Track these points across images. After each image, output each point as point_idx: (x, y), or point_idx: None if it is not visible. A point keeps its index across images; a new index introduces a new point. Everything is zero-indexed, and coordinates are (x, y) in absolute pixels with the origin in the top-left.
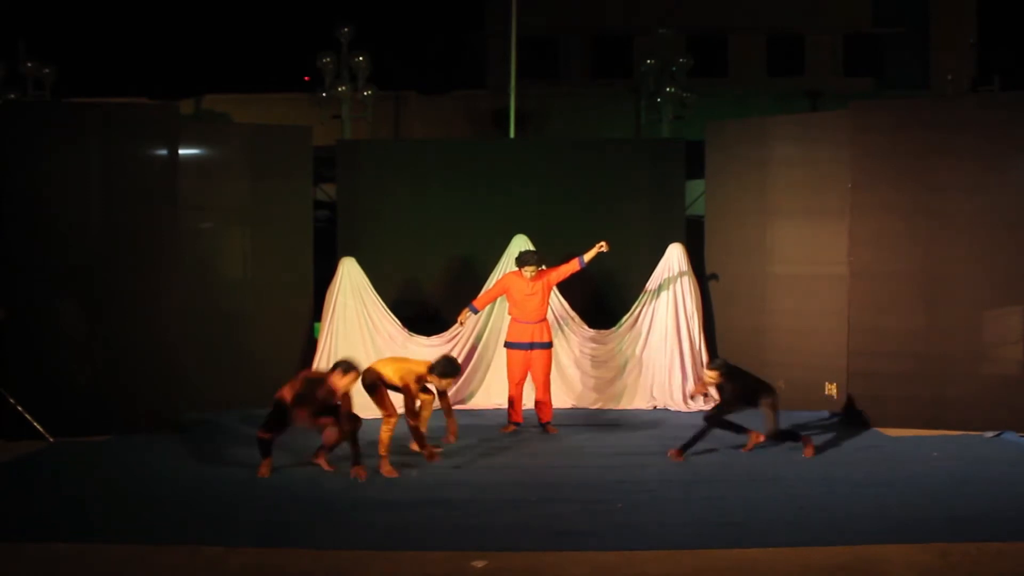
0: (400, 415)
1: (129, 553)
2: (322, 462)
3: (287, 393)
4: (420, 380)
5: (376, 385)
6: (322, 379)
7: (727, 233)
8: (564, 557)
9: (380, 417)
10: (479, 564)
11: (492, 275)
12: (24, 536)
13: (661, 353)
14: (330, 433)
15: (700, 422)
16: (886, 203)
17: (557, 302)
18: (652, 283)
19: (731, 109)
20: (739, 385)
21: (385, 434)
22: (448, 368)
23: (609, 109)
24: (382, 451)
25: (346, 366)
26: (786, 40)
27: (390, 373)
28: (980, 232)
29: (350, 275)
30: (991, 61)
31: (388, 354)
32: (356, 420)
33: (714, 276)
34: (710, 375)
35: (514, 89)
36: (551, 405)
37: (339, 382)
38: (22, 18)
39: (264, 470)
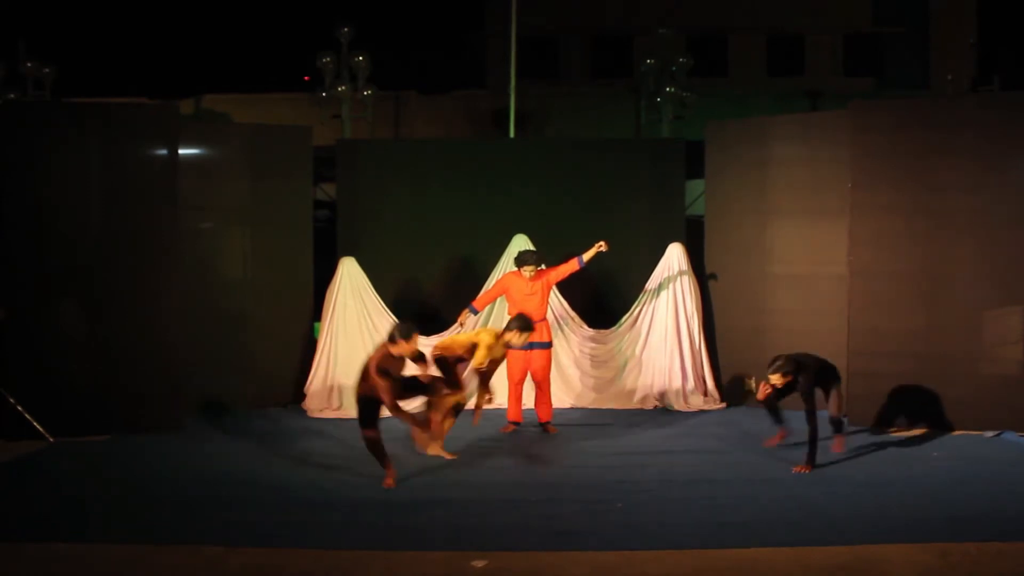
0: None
1: (129, 553)
2: (440, 452)
3: (372, 386)
4: (490, 349)
5: (446, 360)
6: (385, 354)
7: (727, 233)
8: (564, 557)
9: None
10: (479, 564)
11: (492, 275)
12: (24, 536)
13: (661, 353)
14: (422, 422)
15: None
16: (886, 203)
17: (557, 302)
18: (652, 283)
19: (731, 109)
20: (811, 373)
21: (449, 422)
22: (524, 323)
23: (609, 109)
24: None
25: (404, 330)
26: (786, 40)
27: (462, 343)
28: (980, 232)
29: (350, 275)
30: (991, 61)
31: None
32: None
33: (714, 276)
34: (774, 379)
35: (514, 89)
36: (551, 405)
37: (406, 348)
38: (22, 18)
39: (390, 481)
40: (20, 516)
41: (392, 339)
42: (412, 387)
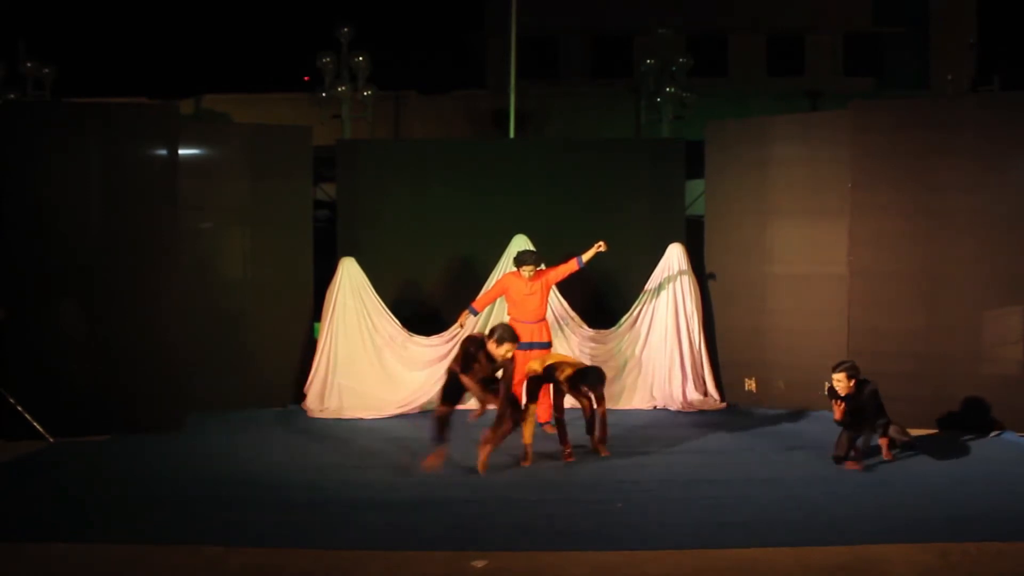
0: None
1: (129, 553)
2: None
3: (455, 365)
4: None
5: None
6: (481, 341)
7: (727, 233)
8: (564, 557)
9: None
10: (479, 564)
11: (492, 275)
12: (24, 536)
13: (661, 353)
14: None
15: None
16: (886, 203)
17: (557, 302)
18: (652, 283)
19: (731, 109)
20: (873, 389)
21: (527, 429)
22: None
23: (609, 109)
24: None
25: (500, 336)
26: (786, 40)
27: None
28: (980, 232)
29: (350, 275)
30: (991, 61)
31: (387, 353)
32: (516, 409)
33: (713, 276)
34: (838, 378)
35: (514, 89)
36: (551, 405)
37: (495, 350)
38: (22, 18)
39: (435, 460)
40: (20, 516)
41: (489, 333)
42: (487, 385)
